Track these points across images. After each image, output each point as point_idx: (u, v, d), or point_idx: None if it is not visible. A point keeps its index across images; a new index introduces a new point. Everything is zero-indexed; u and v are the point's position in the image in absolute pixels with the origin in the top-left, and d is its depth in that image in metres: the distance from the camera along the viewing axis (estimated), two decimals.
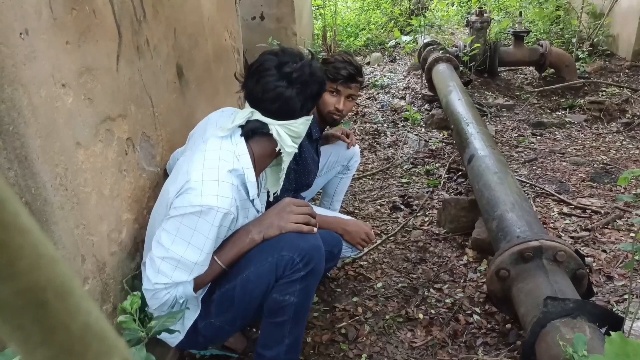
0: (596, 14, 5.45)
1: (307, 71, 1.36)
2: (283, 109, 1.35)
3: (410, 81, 5.09)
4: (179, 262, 1.28)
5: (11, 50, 0.98)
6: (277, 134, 1.36)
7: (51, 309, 0.22)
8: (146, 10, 1.57)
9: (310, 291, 1.48)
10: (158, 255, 1.29)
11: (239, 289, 1.43)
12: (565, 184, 2.95)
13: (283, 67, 1.34)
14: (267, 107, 1.35)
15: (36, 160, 1.04)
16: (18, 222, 0.20)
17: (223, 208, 1.26)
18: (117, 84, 1.40)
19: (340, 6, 7.38)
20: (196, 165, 1.30)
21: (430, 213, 2.73)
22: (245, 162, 1.36)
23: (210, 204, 1.24)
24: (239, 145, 1.37)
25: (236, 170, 1.32)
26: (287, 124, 1.37)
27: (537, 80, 4.92)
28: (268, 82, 1.33)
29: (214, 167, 1.29)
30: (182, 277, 1.29)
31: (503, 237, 1.82)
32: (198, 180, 1.26)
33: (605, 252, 2.29)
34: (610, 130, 3.77)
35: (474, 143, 2.63)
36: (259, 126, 1.37)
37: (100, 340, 0.23)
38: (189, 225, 1.26)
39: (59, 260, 0.23)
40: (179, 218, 1.27)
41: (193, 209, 1.25)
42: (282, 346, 1.48)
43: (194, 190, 1.25)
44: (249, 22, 4.99)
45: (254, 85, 1.35)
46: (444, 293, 2.10)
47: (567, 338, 1.30)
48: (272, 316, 1.46)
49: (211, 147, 1.35)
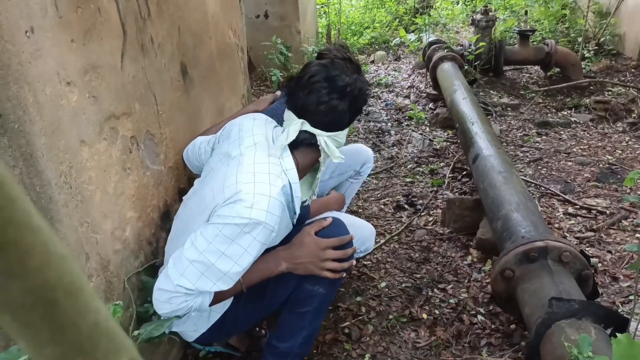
0: (602, 13, 5.41)
1: (358, 86, 1.38)
2: (334, 122, 1.37)
3: (415, 80, 5.08)
4: (208, 269, 1.23)
5: (17, 48, 0.98)
6: (326, 144, 1.38)
7: (61, 307, 0.21)
8: (151, 8, 1.57)
9: (338, 284, 1.53)
10: (188, 257, 1.23)
11: (272, 282, 1.44)
12: (570, 184, 2.93)
13: (335, 80, 1.35)
14: (317, 119, 1.36)
15: (41, 158, 1.04)
16: (29, 221, 0.20)
17: (270, 225, 1.24)
18: (122, 82, 1.40)
19: (344, 4, 7.37)
20: (247, 177, 1.27)
21: (435, 213, 2.72)
22: (293, 177, 1.35)
23: (260, 218, 1.21)
24: (287, 159, 1.36)
25: (285, 187, 1.31)
26: (334, 135, 1.39)
27: (542, 79, 4.90)
28: (321, 94, 1.34)
29: (265, 181, 1.26)
30: (206, 287, 1.24)
31: (508, 237, 1.81)
32: (250, 193, 1.23)
33: (611, 252, 2.28)
34: (616, 130, 3.74)
35: (478, 142, 2.61)
36: (307, 137, 1.38)
37: (109, 338, 0.23)
38: (228, 235, 1.22)
39: (68, 259, 0.22)
40: (220, 226, 1.23)
41: (241, 220, 1.21)
42: (299, 338, 1.50)
43: (244, 202, 1.22)
44: (253, 20, 4.99)
45: (305, 97, 1.35)
46: (448, 293, 2.10)
47: (572, 339, 1.29)
48: (297, 306, 1.48)
49: (260, 159, 1.33)
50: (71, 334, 0.22)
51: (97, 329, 0.23)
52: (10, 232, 0.19)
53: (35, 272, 0.21)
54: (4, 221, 0.19)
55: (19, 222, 0.20)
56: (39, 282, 0.21)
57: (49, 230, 0.22)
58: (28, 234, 0.20)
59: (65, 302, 0.22)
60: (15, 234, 0.20)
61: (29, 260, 0.20)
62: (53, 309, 0.21)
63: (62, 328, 0.22)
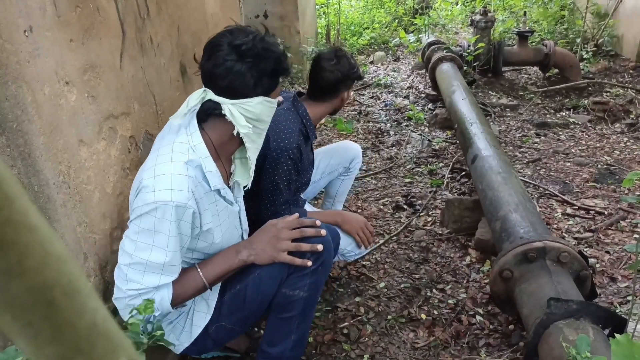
0: (601, 14, 5.42)
1: (259, 45, 1.26)
2: (234, 86, 1.25)
3: (414, 80, 5.08)
4: (146, 266, 1.20)
5: (15, 48, 0.97)
6: (230, 113, 1.26)
7: (59, 307, 0.21)
8: (150, 8, 1.57)
9: (319, 286, 1.47)
10: (124, 263, 1.21)
11: (250, 287, 1.41)
12: (569, 185, 2.93)
13: (234, 41, 1.25)
14: (218, 85, 1.26)
15: (39, 157, 1.04)
16: (27, 220, 0.20)
17: (180, 202, 1.18)
18: (121, 82, 1.40)
19: (344, 5, 7.37)
20: (149, 163, 1.24)
21: (434, 213, 2.72)
22: (202, 152, 1.27)
23: (165, 199, 1.16)
24: (194, 135, 1.28)
25: (193, 161, 1.24)
26: (241, 103, 1.27)
27: (541, 80, 4.90)
28: (218, 56, 1.24)
29: (166, 161, 1.21)
30: (153, 281, 1.21)
31: (506, 238, 1.81)
32: (150, 178, 1.19)
33: (609, 253, 2.28)
34: (615, 131, 3.75)
35: (477, 143, 2.62)
36: (212, 106, 1.27)
37: (107, 338, 0.23)
38: (147, 227, 1.18)
39: (66, 259, 0.22)
40: (137, 221, 1.19)
41: (148, 207, 1.17)
42: (289, 342, 1.48)
43: (147, 187, 1.18)
44: (252, 20, 4.98)
45: (205, 62, 1.27)
46: (446, 293, 2.10)
47: (570, 339, 1.30)
48: (281, 312, 1.45)
49: (165, 142, 1.27)
50: (69, 334, 0.22)
51: (95, 329, 0.23)
52: (8, 232, 0.19)
53: (33, 271, 0.20)
54: (2, 221, 0.19)
55: (16, 222, 0.20)
56: (37, 282, 0.21)
57: (47, 229, 0.22)
58: (26, 234, 0.20)
59: (63, 302, 0.22)
60: (13, 233, 0.20)
61: (26, 260, 0.20)
62: (52, 308, 0.21)
63: (61, 328, 0.22)
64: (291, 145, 1.72)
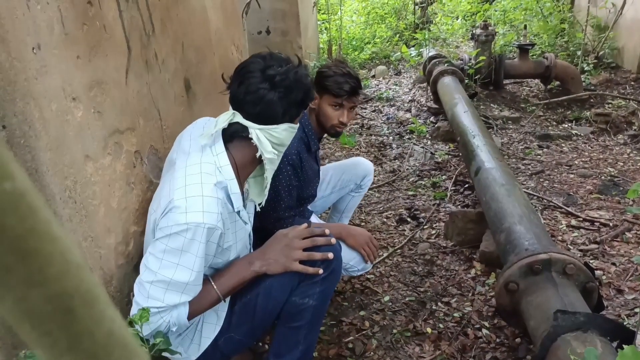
0: (601, 26, 5.46)
1: (292, 76, 1.31)
2: (264, 113, 1.30)
3: (416, 94, 5.11)
4: (169, 284, 1.22)
5: (24, 65, 0.99)
6: (257, 138, 1.31)
7: (78, 316, 0.22)
8: (155, 25, 1.59)
9: (328, 295, 1.49)
10: (147, 280, 1.22)
11: (261, 297, 1.42)
12: (573, 197, 2.93)
13: (267, 70, 1.30)
14: (248, 110, 1.30)
15: (46, 172, 1.05)
16: (49, 230, 0.21)
17: (210, 224, 1.21)
18: (126, 98, 1.41)
19: (345, 20, 7.44)
20: (178, 182, 1.25)
21: (437, 226, 2.72)
22: (228, 174, 1.30)
23: (197, 220, 1.19)
24: (220, 156, 1.31)
25: (220, 183, 1.28)
26: (268, 129, 1.32)
27: (542, 92, 4.92)
28: (251, 84, 1.29)
29: (196, 182, 1.24)
30: (174, 299, 1.24)
31: (511, 250, 1.81)
32: (182, 198, 1.21)
33: (615, 265, 2.27)
34: (617, 143, 3.75)
35: (480, 155, 2.62)
36: (239, 129, 1.32)
37: (123, 347, 0.24)
38: (175, 247, 1.20)
39: (85, 268, 0.23)
40: (164, 240, 1.21)
41: (179, 227, 1.19)
42: (296, 353, 1.48)
43: (178, 208, 1.20)
44: (255, 36, 5.04)
45: (237, 87, 1.31)
46: (452, 307, 2.08)
47: (578, 352, 1.28)
48: (289, 321, 1.45)
49: (192, 161, 1.30)
50: (87, 343, 0.22)
51: (112, 338, 0.23)
52: (31, 242, 0.20)
53: (54, 280, 0.21)
54: (26, 231, 0.20)
55: (40, 232, 0.20)
56: (58, 290, 0.21)
57: (67, 239, 0.22)
58: (48, 244, 0.21)
59: (82, 310, 0.22)
60: (36, 243, 0.20)
61: (48, 269, 0.21)
62: (70, 317, 0.22)
63: (79, 336, 0.22)
64: (290, 151, 1.75)
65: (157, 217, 1.26)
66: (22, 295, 0.20)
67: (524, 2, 6.72)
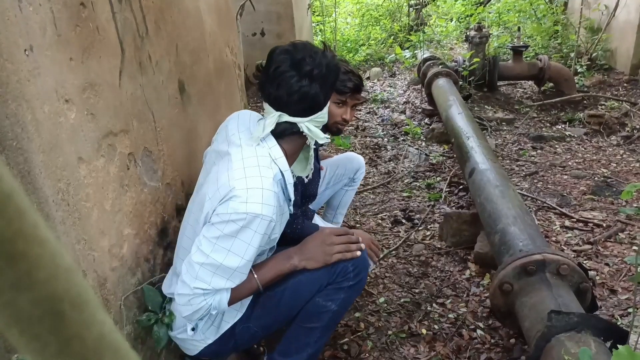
0: (594, 29, 5.50)
1: (324, 64, 1.36)
2: (311, 106, 1.36)
3: (410, 96, 5.12)
4: (218, 269, 1.27)
5: (16, 67, 0.98)
6: (308, 130, 1.38)
7: (67, 320, 0.22)
8: (149, 27, 1.59)
9: (349, 303, 1.53)
10: (197, 261, 1.28)
11: (289, 291, 1.45)
12: (566, 197, 2.94)
13: (301, 65, 1.33)
14: (295, 108, 1.36)
15: (39, 175, 1.04)
16: (37, 233, 0.20)
17: (267, 216, 1.26)
18: (120, 100, 1.41)
19: (340, 22, 7.45)
20: (238, 173, 1.30)
21: (432, 227, 2.72)
22: (283, 165, 1.36)
23: (256, 211, 1.24)
24: (274, 148, 1.37)
25: (276, 175, 1.33)
26: (315, 117, 1.39)
27: (536, 94, 4.95)
28: (291, 84, 1.33)
29: (256, 174, 1.29)
30: (220, 284, 1.29)
31: (506, 251, 1.81)
32: (243, 189, 1.26)
33: (608, 265, 2.28)
34: (610, 144, 3.77)
35: (474, 157, 2.63)
36: (288, 127, 1.38)
37: (114, 351, 0.23)
38: (230, 234, 1.26)
39: (75, 271, 0.23)
40: (221, 225, 1.26)
41: (238, 216, 1.24)
42: (303, 355, 1.49)
43: (239, 197, 1.25)
44: (249, 38, 5.03)
45: (275, 90, 1.35)
46: (447, 308, 2.09)
47: (572, 352, 1.29)
48: (306, 321, 1.48)
49: (247, 154, 1.34)
50: (77, 347, 0.22)
51: (102, 341, 0.23)
52: (19, 245, 0.20)
53: (42, 284, 0.21)
54: (13, 234, 0.19)
55: (27, 235, 0.20)
56: (47, 294, 0.21)
57: (56, 242, 0.22)
58: (36, 246, 0.20)
59: (71, 314, 0.22)
60: (24, 246, 0.20)
61: (36, 273, 0.20)
62: (60, 321, 0.21)
63: (69, 341, 0.22)
64: None
65: (215, 203, 1.29)
66: (11, 299, 0.20)
67: (517, 5, 6.76)
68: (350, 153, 2.36)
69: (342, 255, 1.45)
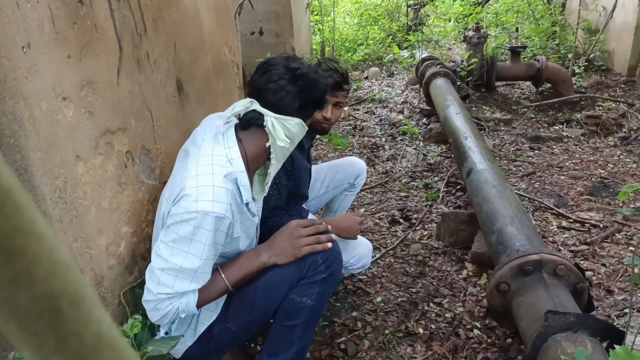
0: (591, 30, 5.51)
1: (312, 74, 1.39)
2: (281, 102, 1.36)
3: (408, 95, 5.12)
4: (179, 272, 1.27)
5: (13, 64, 0.98)
6: (272, 126, 1.36)
7: (65, 317, 0.22)
8: (147, 25, 1.59)
9: (326, 296, 1.51)
10: (157, 267, 1.27)
11: (260, 290, 1.44)
12: (563, 198, 2.95)
13: (290, 63, 1.38)
14: (267, 98, 1.36)
15: (36, 173, 1.04)
16: (35, 229, 0.20)
17: (220, 213, 1.25)
18: (118, 98, 1.40)
19: (338, 22, 7.45)
20: (190, 172, 1.30)
21: (430, 227, 2.73)
22: (239, 166, 1.35)
23: (206, 209, 1.24)
24: (232, 149, 1.36)
25: (230, 174, 1.32)
26: (283, 119, 1.37)
27: (534, 94, 4.96)
28: (273, 74, 1.36)
29: (207, 172, 1.29)
30: (184, 286, 1.28)
31: (503, 251, 1.82)
32: (193, 187, 1.26)
33: (605, 265, 2.28)
34: (608, 145, 3.78)
35: (472, 157, 2.63)
36: (255, 116, 1.37)
37: (112, 348, 0.23)
38: (185, 235, 1.25)
39: (73, 268, 0.22)
40: (175, 227, 1.26)
41: (189, 215, 1.24)
42: (290, 353, 1.48)
43: (189, 196, 1.25)
44: (248, 37, 5.03)
45: (259, 77, 1.38)
46: (443, 307, 2.09)
47: (568, 352, 1.29)
48: (286, 319, 1.46)
49: (203, 152, 1.34)
50: (75, 344, 0.22)
51: (100, 339, 0.23)
52: (17, 241, 0.20)
53: (40, 280, 0.21)
54: (11, 230, 0.19)
55: (25, 231, 0.20)
56: (45, 291, 0.21)
57: (54, 238, 0.22)
58: (34, 243, 0.20)
59: (69, 311, 0.22)
60: (21, 242, 0.20)
61: (34, 269, 0.20)
62: (58, 318, 0.21)
63: (67, 337, 0.22)
64: None
65: (169, 205, 1.30)
66: (9, 296, 0.20)
67: (515, 5, 6.77)
68: (352, 157, 2.34)
69: (312, 247, 1.43)
